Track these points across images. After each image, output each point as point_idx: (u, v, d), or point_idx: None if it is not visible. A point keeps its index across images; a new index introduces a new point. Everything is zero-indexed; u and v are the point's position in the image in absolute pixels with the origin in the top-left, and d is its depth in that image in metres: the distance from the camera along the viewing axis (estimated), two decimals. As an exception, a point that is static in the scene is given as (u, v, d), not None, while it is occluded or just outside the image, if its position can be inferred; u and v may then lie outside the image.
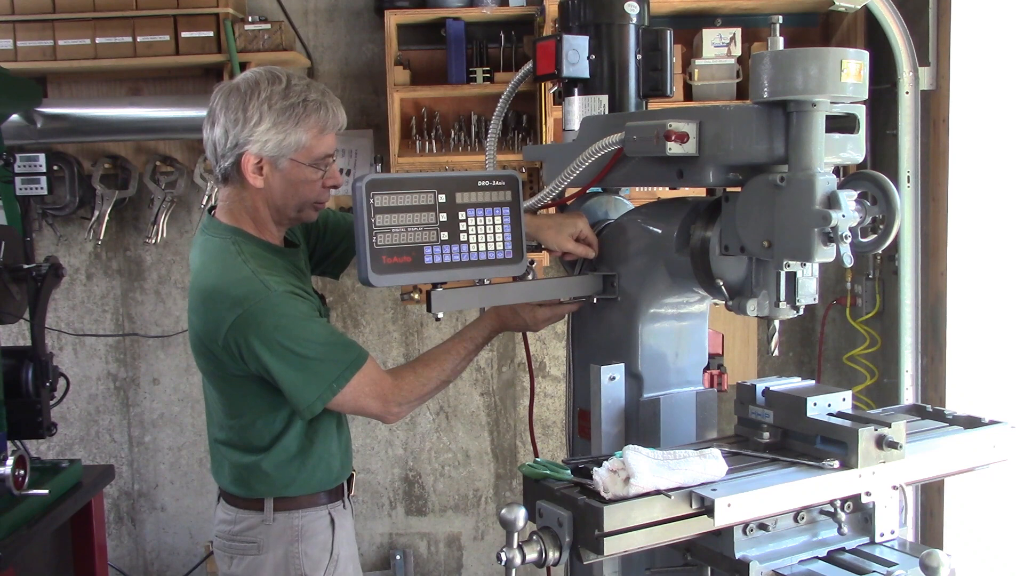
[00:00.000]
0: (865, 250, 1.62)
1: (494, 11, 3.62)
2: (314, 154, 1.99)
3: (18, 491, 2.58)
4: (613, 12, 1.96)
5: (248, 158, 1.97)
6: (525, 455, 4.06)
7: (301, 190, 2.02)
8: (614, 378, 1.85)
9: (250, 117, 1.95)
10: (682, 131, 1.61)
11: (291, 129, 1.96)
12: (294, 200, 2.03)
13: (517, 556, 1.41)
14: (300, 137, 1.97)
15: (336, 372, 1.96)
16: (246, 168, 1.97)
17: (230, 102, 1.97)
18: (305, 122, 1.97)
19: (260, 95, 1.95)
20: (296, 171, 2.00)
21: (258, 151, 1.96)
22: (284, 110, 1.95)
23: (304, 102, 1.97)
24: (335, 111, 2.02)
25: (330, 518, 2.15)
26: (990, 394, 3.20)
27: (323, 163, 2.02)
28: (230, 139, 1.96)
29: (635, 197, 2.15)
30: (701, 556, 1.55)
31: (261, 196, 2.03)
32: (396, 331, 4.06)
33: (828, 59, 1.47)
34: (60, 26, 3.56)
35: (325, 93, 2.02)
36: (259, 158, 1.97)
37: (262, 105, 1.95)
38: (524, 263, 1.83)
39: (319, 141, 1.99)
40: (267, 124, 1.95)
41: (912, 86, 3.23)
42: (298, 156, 1.98)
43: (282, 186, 2.01)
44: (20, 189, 3.30)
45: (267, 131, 1.95)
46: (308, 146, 1.98)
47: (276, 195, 2.02)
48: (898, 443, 1.55)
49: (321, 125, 1.98)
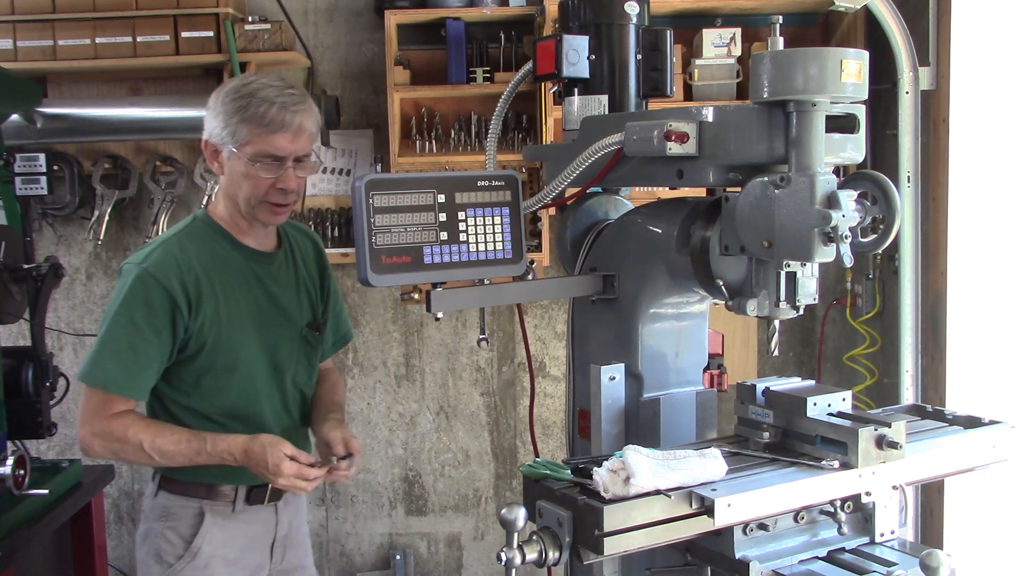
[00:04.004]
0: (865, 250, 1.62)
1: (494, 11, 3.62)
2: (253, 150, 2.02)
3: (18, 491, 2.58)
4: (613, 12, 1.96)
5: (205, 144, 2.09)
6: (525, 455, 4.06)
7: (243, 185, 2.06)
8: (614, 378, 1.85)
9: (212, 106, 2.07)
10: (682, 131, 1.61)
11: (231, 120, 2.02)
12: (241, 194, 2.08)
13: (517, 556, 1.41)
14: (240, 130, 2.02)
15: (91, 369, 2.05)
16: (205, 153, 2.09)
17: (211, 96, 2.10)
18: (243, 114, 2.01)
19: (222, 91, 2.07)
20: (236, 164, 2.05)
21: (207, 136, 2.07)
22: (233, 101, 2.03)
23: (252, 96, 2.01)
24: (283, 112, 2.02)
25: (199, 511, 2.16)
26: (990, 394, 3.20)
27: (263, 161, 2.03)
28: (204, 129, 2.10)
29: (635, 197, 2.14)
30: (701, 556, 1.55)
31: (225, 188, 2.13)
32: (396, 331, 4.06)
33: (828, 59, 1.47)
34: (60, 26, 3.56)
35: (285, 94, 2.04)
36: (214, 147, 2.07)
37: (218, 100, 2.06)
38: (524, 263, 1.83)
39: (260, 139, 2.02)
40: (215, 111, 2.05)
41: (912, 86, 3.23)
42: (239, 148, 2.03)
43: (231, 178, 2.09)
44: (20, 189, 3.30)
45: (215, 118, 2.05)
46: (247, 141, 2.02)
47: (229, 186, 2.11)
48: (898, 443, 1.55)
49: (259, 121, 2.01)
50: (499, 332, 4.06)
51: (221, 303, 2.09)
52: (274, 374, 2.19)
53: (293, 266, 2.26)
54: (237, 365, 2.12)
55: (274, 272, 2.20)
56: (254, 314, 2.14)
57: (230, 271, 2.12)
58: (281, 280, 2.21)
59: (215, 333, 2.08)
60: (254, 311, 2.15)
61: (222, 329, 2.09)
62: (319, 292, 2.33)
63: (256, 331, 2.14)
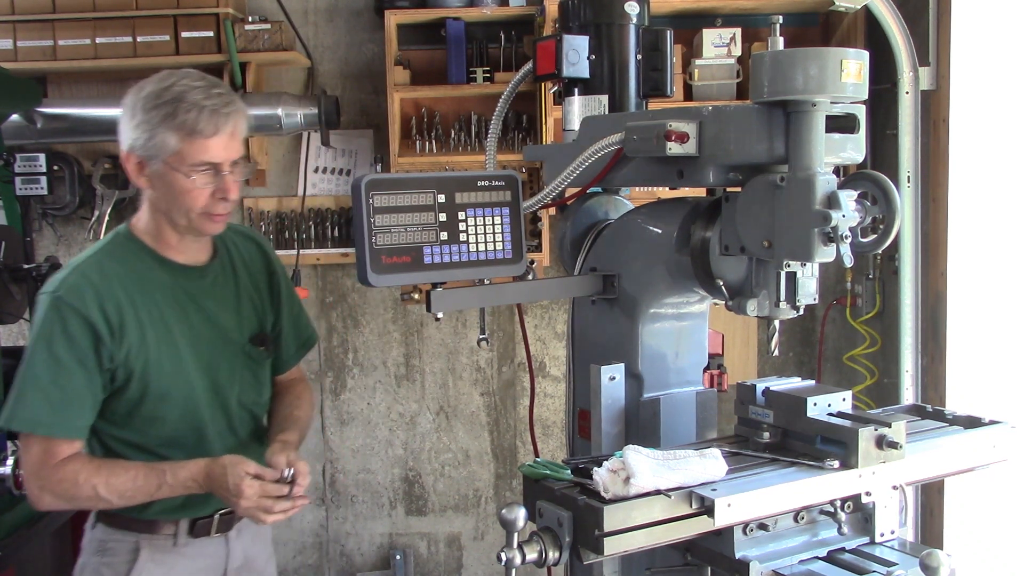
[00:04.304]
0: (865, 250, 1.62)
1: (494, 11, 3.62)
2: (187, 160, 1.86)
3: (18, 491, 2.58)
4: (613, 12, 1.96)
5: (126, 157, 1.91)
6: (525, 455, 4.06)
7: (180, 198, 1.90)
8: (614, 378, 1.85)
9: (126, 116, 1.90)
10: (682, 131, 1.61)
11: (156, 129, 1.85)
12: (176, 208, 1.91)
13: (517, 556, 1.41)
14: (166, 139, 1.85)
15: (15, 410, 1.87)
16: (127, 167, 1.92)
17: (125, 101, 1.93)
18: (170, 122, 1.84)
19: (141, 93, 1.89)
20: (168, 176, 1.88)
21: (131, 149, 1.90)
22: (153, 108, 1.85)
23: (175, 101, 1.84)
24: (215, 116, 1.86)
25: (135, 546, 2.03)
26: (990, 394, 3.20)
27: (199, 170, 1.87)
28: (121, 139, 1.93)
29: (635, 197, 2.14)
30: (701, 556, 1.55)
31: (152, 202, 1.96)
32: (396, 331, 4.06)
33: (828, 59, 1.47)
34: (60, 26, 3.56)
35: (214, 96, 1.88)
36: (137, 158, 1.90)
37: (137, 104, 1.88)
38: (523, 263, 1.82)
39: (191, 146, 1.85)
40: (135, 121, 1.87)
41: (912, 86, 3.23)
42: (170, 160, 1.87)
43: (161, 191, 1.92)
44: (20, 189, 3.31)
45: (135, 128, 1.87)
46: (178, 150, 1.86)
47: (159, 200, 1.93)
48: (898, 443, 1.55)
49: (190, 128, 1.84)
50: (499, 332, 4.06)
51: (147, 327, 1.93)
52: (215, 396, 2.04)
53: (233, 276, 2.10)
54: (171, 391, 1.97)
55: (207, 287, 2.04)
56: (187, 335, 1.99)
57: (156, 291, 1.96)
58: (217, 294, 2.06)
59: (143, 360, 1.93)
60: (186, 331, 1.99)
61: (150, 355, 1.93)
62: (268, 301, 2.16)
63: (191, 353, 1.99)
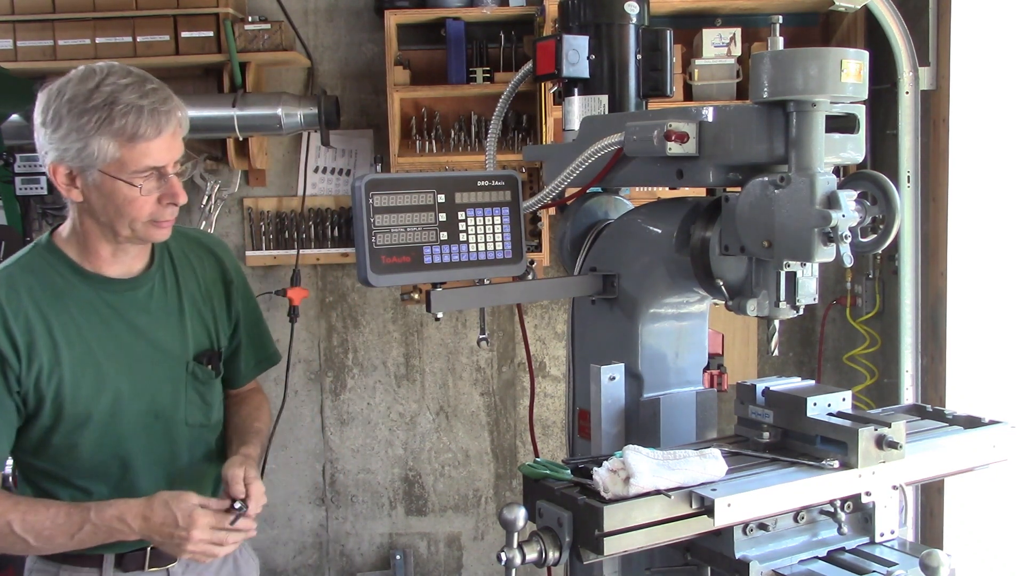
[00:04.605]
0: (865, 250, 1.62)
1: (494, 11, 3.62)
2: (128, 167, 1.70)
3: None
4: (613, 12, 1.96)
5: (54, 168, 1.73)
6: (525, 455, 4.06)
7: (124, 208, 1.73)
8: (614, 378, 1.85)
9: (49, 121, 1.70)
10: (682, 131, 1.61)
11: (90, 136, 1.67)
12: (120, 219, 1.75)
13: (517, 556, 1.41)
14: (103, 146, 1.68)
15: None
16: (56, 180, 1.74)
17: (40, 104, 1.74)
18: (107, 128, 1.67)
19: (64, 95, 1.70)
20: (109, 186, 1.71)
21: (60, 161, 1.71)
22: (82, 113, 1.67)
23: (109, 104, 1.67)
24: (155, 116, 1.70)
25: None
26: (990, 394, 3.20)
27: (143, 176, 1.72)
28: (39, 147, 1.74)
29: (635, 197, 2.14)
30: (701, 556, 1.55)
31: (87, 214, 1.78)
32: (396, 331, 4.06)
33: (828, 59, 1.47)
34: (60, 26, 3.56)
35: (148, 94, 1.72)
36: (67, 169, 1.72)
37: (62, 107, 1.69)
38: (523, 263, 1.82)
39: (132, 152, 1.69)
40: (64, 130, 1.68)
41: (912, 86, 3.23)
42: (108, 168, 1.70)
43: (101, 202, 1.74)
44: (20, 189, 3.31)
45: (64, 138, 1.68)
46: (119, 158, 1.69)
47: (99, 213, 1.75)
48: (898, 443, 1.55)
49: (130, 132, 1.68)
50: (499, 332, 4.07)
51: (62, 347, 1.77)
52: (155, 420, 1.88)
53: (175, 287, 1.93)
54: (91, 417, 1.81)
55: (140, 300, 1.87)
56: (113, 354, 1.82)
57: (74, 307, 1.79)
58: (153, 307, 1.88)
59: (56, 384, 1.77)
60: (113, 350, 1.82)
61: (64, 378, 1.77)
62: (223, 313, 2.00)
63: (120, 373, 1.83)
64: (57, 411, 1.79)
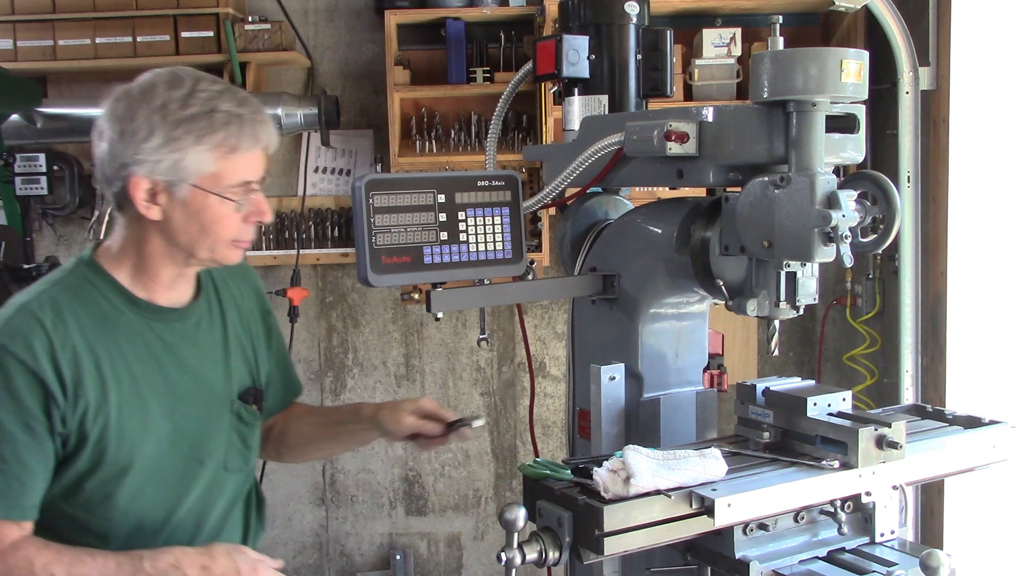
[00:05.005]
0: (865, 250, 1.62)
1: (494, 11, 3.62)
2: (223, 181, 1.58)
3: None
4: (613, 12, 1.96)
5: (137, 183, 1.54)
6: (525, 455, 4.06)
7: (211, 227, 1.60)
8: (614, 378, 1.85)
9: (137, 129, 1.53)
10: (682, 131, 1.61)
11: (189, 147, 1.54)
12: (203, 239, 1.60)
13: (517, 556, 1.41)
14: (201, 158, 1.55)
15: None
16: (135, 195, 1.56)
17: (119, 109, 1.57)
18: (208, 139, 1.55)
19: (153, 101, 1.55)
20: (200, 202, 1.57)
21: (148, 174, 1.54)
22: (181, 122, 1.54)
23: (209, 113, 1.55)
24: (254, 127, 1.60)
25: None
26: (990, 394, 3.20)
27: (238, 192, 1.60)
28: (116, 158, 1.56)
29: (635, 197, 2.15)
30: (701, 556, 1.55)
31: (159, 232, 1.61)
32: (396, 331, 4.06)
33: (828, 59, 1.47)
34: (60, 26, 3.56)
35: (245, 103, 1.61)
36: (151, 183, 1.55)
37: (153, 115, 1.54)
38: (524, 263, 1.82)
39: (229, 164, 1.57)
40: (158, 139, 1.53)
41: (912, 86, 3.23)
42: (201, 183, 1.56)
43: (184, 220, 1.58)
44: (20, 189, 3.31)
45: (158, 148, 1.53)
46: (215, 171, 1.57)
47: (179, 232, 1.59)
48: (898, 443, 1.55)
49: (231, 144, 1.57)
50: (499, 332, 4.07)
51: (110, 384, 1.58)
52: (197, 466, 1.71)
53: (220, 319, 1.77)
54: (132, 466, 1.62)
55: (189, 332, 1.70)
56: (161, 392, 1.64)
57: (123, 337, 1.61)
58: (201, 341, 1.72)
59: (101, 424, 1.58)
60: (161, 388, 1.65)
61: (111, 418, 1.58)
62: (264, 347, 1.85)
63: (165, 414, 1.65)
64: (98, 456, 1.59)
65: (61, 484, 1.61)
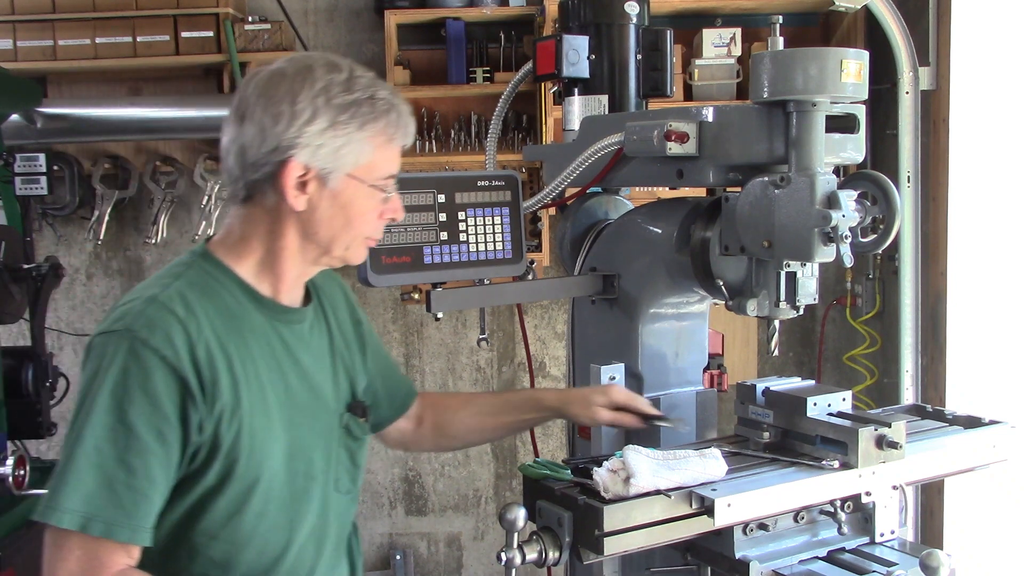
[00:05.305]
0: (865, 250, 1.62)
1: (494, 11, 3.62)
2: (375, 173, 1.46)
3: (18, 491, 2.58)
4: (613, 12, 1.96)
5: (292, 168, 1.40)
6: (525, 455, 4.06)
7: (355, 221, 1.47)
8: (614, 378, 1.85)
9: (300, 111, 1.40)
10: (682, 131, 1.61)
11: (352, 134, 1.42)
12: (345, 234, 1.48)
13: (517, 556, 1.41)
14: (362, 146, 1.43)
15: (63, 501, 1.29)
16: (287, 182, 1.41)
17: (272, 90, 1.42)
18: (371, 126, 1.44)
19: (315, 84, 1.42)
20: (351, 193, 1.45)
21: (307, 159, 1.40)
22: (346, 107, 1.42)
23: (371, 100, 1.45)
24: (407, 120, 1.51)
25: None
26: (990, 394, 3.20)
27: (385, 186, 1.49)
28: (269, 140, 1.40)
29: (635, 197, 2.15)
30: (701, 556, 1.55)
31: (297, 225, 1.46)
32: (396, 331, 4.06)
33: (828, 59, 1.47)
34: (60, 26, 3.56)
35: (397, 94, 1.52)
36: (306, 170, 1.41)
37: (317, 97, 1.41)
38: (523, 263, 1.83)
39: (382, 155, 1.47)
40: (322, 123, 1.40)
41: (912, 86, 3.23)
42: (357, 172, 1.44)
43: (330, 212, 1.45)
44: (20, 189, 3.30)
45: (322, 132, 1.40)
46: (370, 161, 1.45)
47: (321, 225, 1.46)
48: (898, 443, 1.55)
49: (389, 134, 1.47)
50: (499, 332, 4.07)
51: (242, 385, 1.41)
52: (311, 484, 1.52)
53: (326, 326, 1.62)
54: (260, 479, 1.43)
55: (305, 336, 1.56)
56: (281, 399, 1.48)
57: (250, 336, 1.46)
58: (313, 347, 1.57)
59: (235, 431, 1.40)
60: (281, 394, 1.48)
61: (243, 425, 1.41)
62: (358, 359, 1.68)
63: (283, 425, 1.47)
64: (228, 469, 1.40)
65: (184, 505, 1.40)
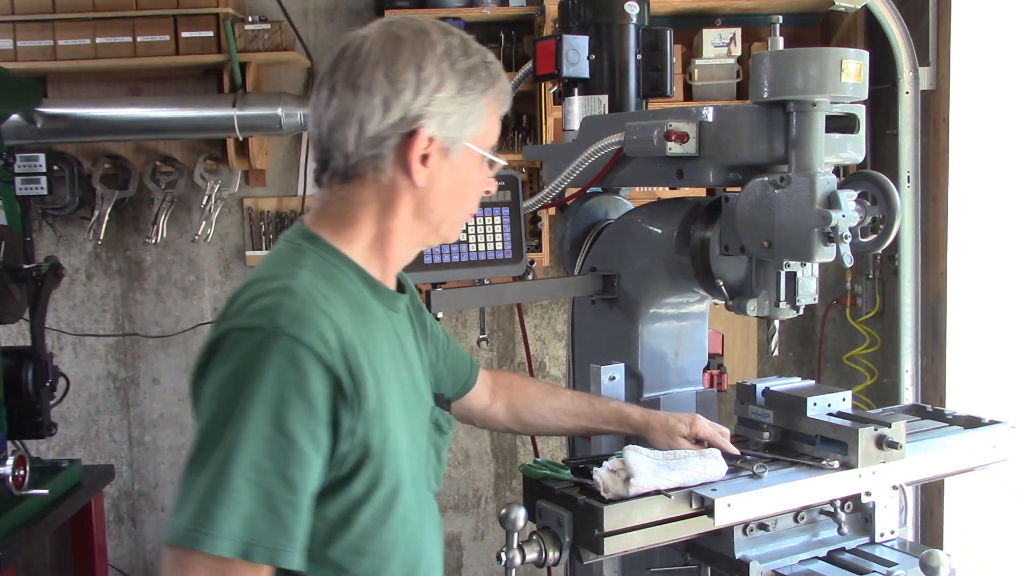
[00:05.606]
0: (865, 250, 1.62)
1: (494, 11, 3.62)
2: (488, 141, 1.35)
3: (18, 491, 2.58)
4: (613, 12, 1.96)
5: (420, 139, 1.26)
6: (525, 455, 4.06)
7: (468, 195, 1.36)
8: (614, 378, 1.85)
9: (427, 78, 1.26)
10: (682, 131, 1.61)
11: (475, 100, 1.30)
12: (457, 210, 1.35)
13: (517, 556, 1.41)
14: (482, 114, 1.31)
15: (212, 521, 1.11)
16: (412, 156, 1.26)
17: (391, 55, 1.29)
18: (491, 91, 1.32)
19: (436, 48, 1.28)
20: (468, 165, 1.33)
21: (437, 128, 1.27)
22: (469, 72, 1.29)
23: (486, 64, 1.31)
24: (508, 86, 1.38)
25: None
26: (990, 394, 3.20)
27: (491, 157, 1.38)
28: (395, 111, 1.25)
29: (635, 197, 2.15)
30: (701, 556, 1.55)
31: (412, 202, 1.31)
32: (396, 331, 4.06)
33: (828, 59, 1.48)
34: (60, 26, 3.56)
35: None
36: (431, 140, 1.27)
37: (442, 62, 1.27)
38: (524, 263, 1.83)
39: (494, 124, 1.35)
40: (451, 89, 1.27)
41: (912, 86, 3.23)
42: (476, 142, 1.32)
43: (447, 186, 1.31)
44: (20, 189, 3.30)
45: (451, 99, 1.27)
46: (487, 130, 1.34)
47: (438, 201, 1.32)
48: (898, 443, 1.55)
49: (503, 100, 1.35)
50: (499, 332, 4.06)
51: (381, 382, 1.25)
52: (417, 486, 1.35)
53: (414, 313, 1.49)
54: (402, 481, 1.28)
55: (405, 324, 1.42)
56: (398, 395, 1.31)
57: (376, 328, 1.30)
58: (410, 336, 1.44)
59: (381, 433, 1.23)
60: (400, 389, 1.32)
61: (388, 427, 1.25)
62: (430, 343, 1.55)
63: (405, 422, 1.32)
64: (375, 475, 1.23)
65: (328, 520, 1.22)
